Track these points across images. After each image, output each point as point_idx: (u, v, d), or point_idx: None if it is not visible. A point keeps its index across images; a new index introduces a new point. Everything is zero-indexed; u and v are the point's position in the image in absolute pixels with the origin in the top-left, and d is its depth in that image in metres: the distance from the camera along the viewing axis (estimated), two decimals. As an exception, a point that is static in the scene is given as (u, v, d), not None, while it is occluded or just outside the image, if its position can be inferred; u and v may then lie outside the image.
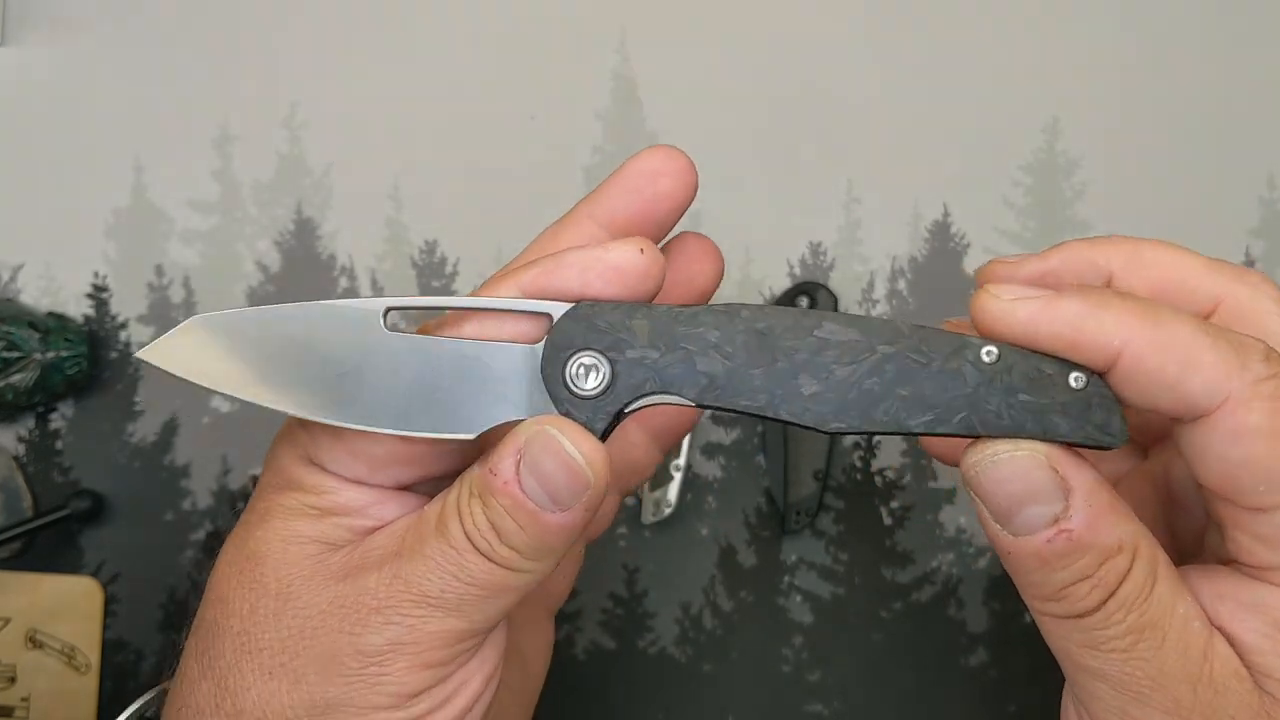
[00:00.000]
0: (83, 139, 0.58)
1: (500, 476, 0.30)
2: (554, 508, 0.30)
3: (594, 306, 0.31)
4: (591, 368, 0.30)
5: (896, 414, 0.29)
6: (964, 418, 0.29)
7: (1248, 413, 0.27)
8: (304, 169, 0.58)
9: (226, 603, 0.32)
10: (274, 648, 0.31)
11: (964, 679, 0.56)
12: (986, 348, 0.29)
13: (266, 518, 0.33)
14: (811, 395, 0.30)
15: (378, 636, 0.30)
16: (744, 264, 0.57)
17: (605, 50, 0.58)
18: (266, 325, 0.31)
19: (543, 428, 0.30)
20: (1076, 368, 0.29)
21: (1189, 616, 0.29)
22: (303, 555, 0.32)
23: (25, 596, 0.56)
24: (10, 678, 0.56)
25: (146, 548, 0.56)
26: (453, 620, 0.31)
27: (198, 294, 0.58)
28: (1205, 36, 0.58)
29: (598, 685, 0.56)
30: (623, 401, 0.30)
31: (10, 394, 0.54)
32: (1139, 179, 0.57)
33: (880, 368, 0.29)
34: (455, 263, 0.58)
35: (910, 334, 0.29)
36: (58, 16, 0.59)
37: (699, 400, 0.30)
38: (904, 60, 0.58)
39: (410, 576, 0.30)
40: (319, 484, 0.33)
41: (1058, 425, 0.29)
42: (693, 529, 0.56)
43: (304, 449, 0.33)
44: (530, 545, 0.30)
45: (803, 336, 0.30)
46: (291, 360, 0.31)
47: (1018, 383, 0.29)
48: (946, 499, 0.56)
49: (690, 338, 0.30)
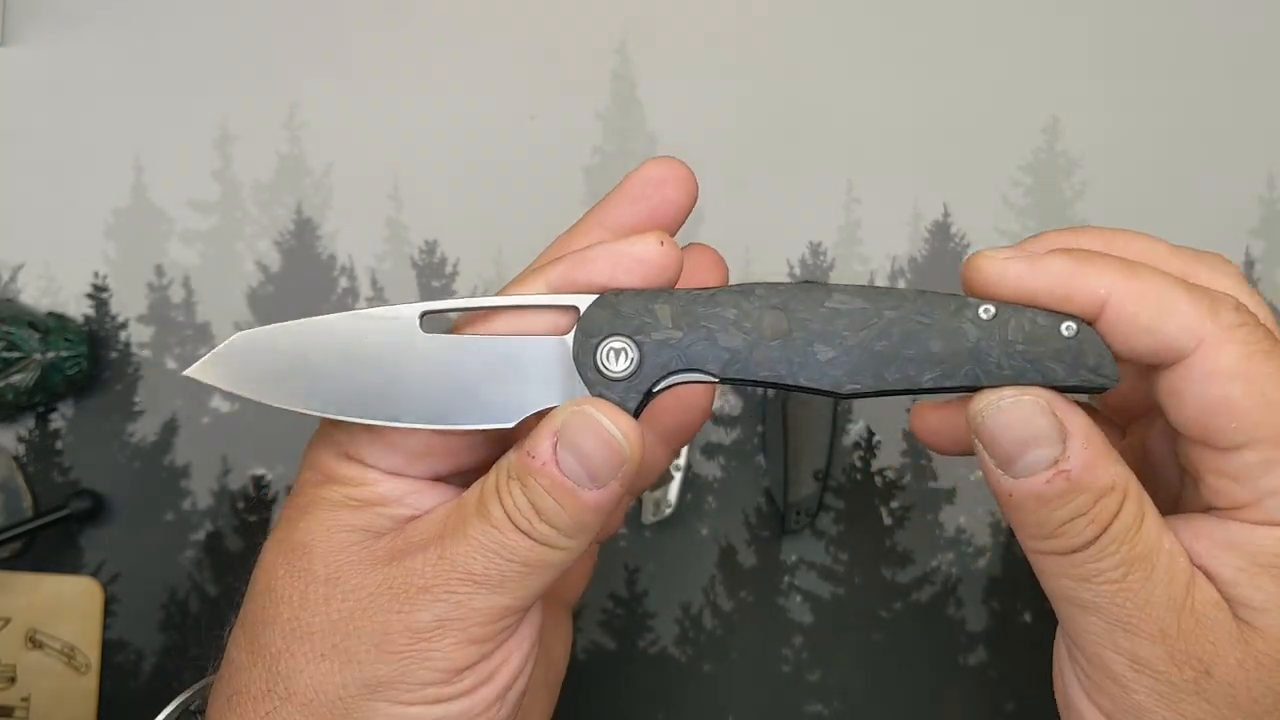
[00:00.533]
0: (83, 139, 0.58)
1: (539, 458, 0.32)
2: (591, 484, 0.32)
3: (619, 295, 0.33)
4: (620, 351, 0.33)
5: (906, 372, 0.32)
6: (969, 370, 0.31)
7: (1220, 355, 0.30)
8: (304, 169, 0.58)
9: (274, 591, 0.34)
10: (325, 630, 0.33)
11: (964, 678, 0.56)
12: (984, 306, 0.31)
13: (309, 510, 0.34)
14: (827, 362, 0.32)
15: (426, 614, 0.32)
16: (744, 264, 0.57)
17: (605, 50, 0.58)
18: (307, 337, 0.33)
19: (581, 408, 0.32)
20: (1068, 318, 0.31)
21: (1174, 552, 0.31)
22: (348, 542, 0.33)
23: (25, 596, 0.56)
24: (10, 678, 0.56)
25: (146, 548, 0.57)
26: (496, 596, 0.32)
27: (198, 294, 0.58)
28: (1205, 36, 0.58)
29: (598, 685, 0.56)
30: (651, 380, 0.33)
31: (10, 394, 0.54)
32: (1139, 179, 0.57)
33: (888, 331, 0.32)
34: (455, 263, 0.58)
35: (914, 298, 0.32)
36: (58, 16, 0.59)
37: (723, 374, 0.32)
38: (904, 60, 0.58)
39: (455, 556, 0.32)
40: (359, 476, 0.34)
41: (1055, 371, 0.31)
42: (693, 529, 0.56)
43: (342, 446, 0.35)
44: (568, 522, 0.32)
45: (815, 308, 0.32)
46: (334, 368, 0.33)
47: (1014, 335, 0.31)
48: (946, 499, 0.56)
49: (710, 317, 0.32)
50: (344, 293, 0.57)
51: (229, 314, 0.57)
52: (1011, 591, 0.56)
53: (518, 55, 0.58)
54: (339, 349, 0.33)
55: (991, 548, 0.56)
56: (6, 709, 0.56)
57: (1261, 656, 0.31)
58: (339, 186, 0.58)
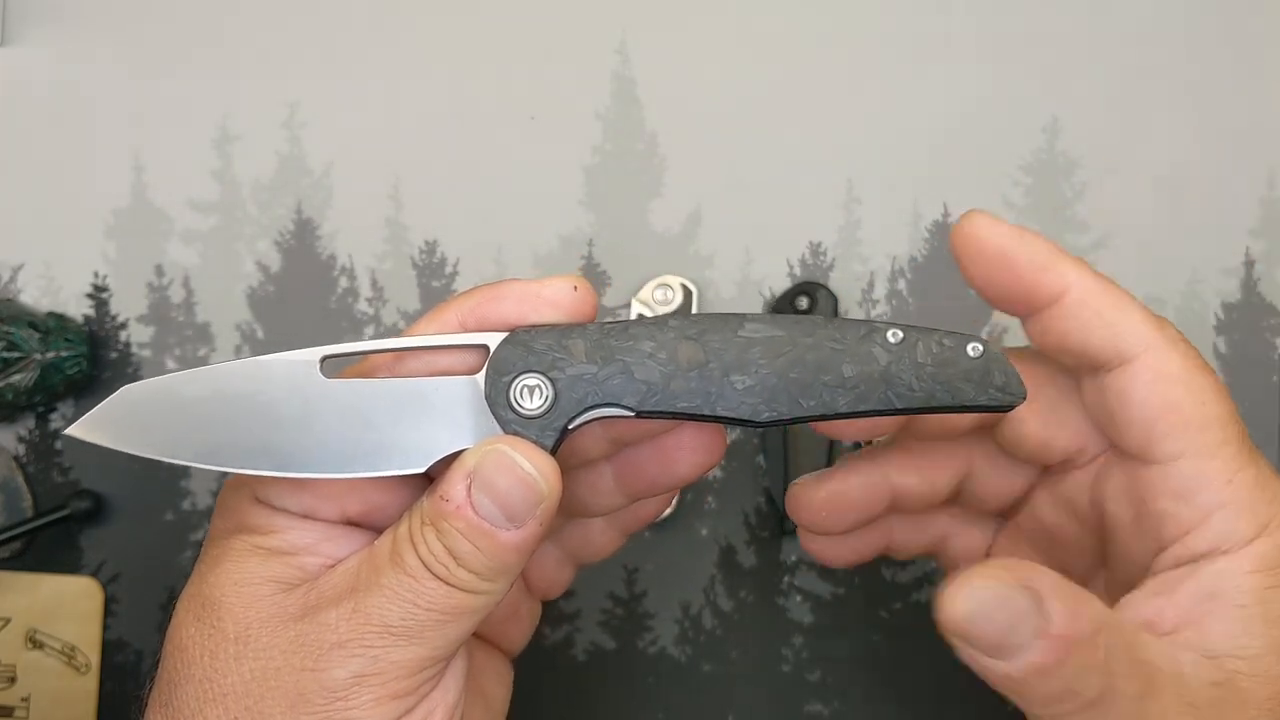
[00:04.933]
0: (83, 139, 0.58)
1: (453, 501, 0.31)
2: (509, 525, 0.31)
3: (529, 332, 0.32)
4: (535, 388, 0.32)
5: (822, 398, 0.32)
6: (882, 394, 0.32)
7: (1169, 359, 0.32)
8: (304, 169, 0.58)
9: (185, 651, 0.32)
10: (238, 692, 0.31)
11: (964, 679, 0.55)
12: (891, 329, 0.32)
13: (218, 562, 0.33)
14: (743, 391, 0.32)
15: (342, 670, 0.31)
16: (744, 264, 0.57)
17: (605, 50, 0.58)
18: (201, 387, 0.32)
19: (495, 446, 0.31)
20: (971, 339, 0.32)
21: (1169, 654, 0.31)
22: (257, 597, 0.32)
23: (25, 596, 0.56)
24: (10, 678, 0.56)
25: (146, 548, 0.57)
26: (415, 648, 0.31)
27: (198, 294, 0.58)
28: (1205, 37, 0.58)
29: (598, 685, 0.56)
30: (568, 416, 0.32)
31: (10, 394, 0.54)
32: (1139, 179, 0.57)
33: (801, 358, 0.32)
34: (455, 263, 0.58)
35: (824, 324, 0.32)
36: (58, 16, 0.59)
37: (640, 408, 0.32)
38: (904, 60, 0.58)
39: (370, 608, 0.31)
40: (268, 523, 0.33)
41: (964, 390, 0.32)
42: (693, 529, 0.56)
43: (250, 489, 0.34)
44: (487, 565, 0.31)
45: (729, 337, 0.32)
46: (230, 419, 0.32)
47: (923, 358, 0.32)
48: (946, 499, 0.56)
49: (625, 350, 0.32)
50: (344, 293, 0.57)
51: (229, 314, 0.57)
52: (1011, 591, 0.56)
53: (518, 55, 0.58)
54: (236, 398, 0.32)
55: (991, 548, 0.56)
56: (6, 709, 0.56)
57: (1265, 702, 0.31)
58: (339, 186, 0.58)
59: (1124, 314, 0.32)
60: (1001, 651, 0.30)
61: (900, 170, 0.57)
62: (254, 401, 0.32)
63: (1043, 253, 0.33)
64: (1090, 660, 0.30)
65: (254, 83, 0.58)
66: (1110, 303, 0.32)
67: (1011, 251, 0.33)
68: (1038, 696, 0.30)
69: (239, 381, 0.32)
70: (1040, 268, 0.32)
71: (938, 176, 0.57)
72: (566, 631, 0.56)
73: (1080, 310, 0.32)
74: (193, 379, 0.32)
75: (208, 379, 0.32)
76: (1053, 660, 0.29)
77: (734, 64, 0.58)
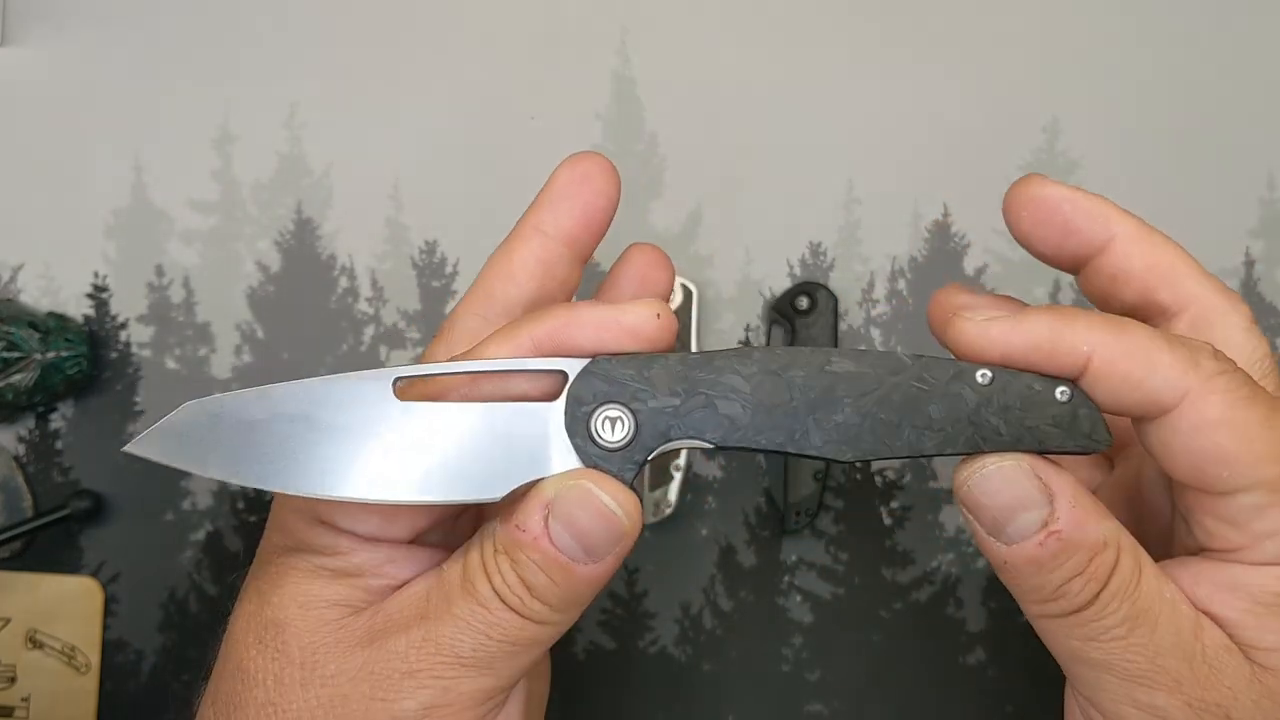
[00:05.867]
0: (83, 139, 0.58)
1: (530, 532, 0.30)
2: (586, 559, 0.31)
3: (610, 361, 0.32)
4: (616, 420, 0.31)
5: (908, 439, 0.31)
6: (969, 437, 0.31)
7: (1206, 406, 0.30)
8: (304, 169, 0.58)
9: (246, 673, 0.32)
10: (303, 716, 0.31)
11: (964, 678, 0.56)
12: (980, 371, 0.31)
13: (280, 582, 0.33)
14: (828, 429, 0.31)
15: (412, 701, 0.31)
16: (744, 264, 0.57)
17: (605, 50, 0.58)
18: (267, 405, 0.31)
19: (578, 482, 0.31)
20: (1061, 382, 0.31)
21: (1176, 600, 0.31)
22: (323, 621, 0.32)
23: (25, 596, 0.56)
24: (10, 678, 0.56)
25: (146, 548, 0.57)
26: (485, 679, 0.31)
27: (198, 294, 0.58)
28: (1205, 37, 0.58)
29: (598, 685, 0.56)
30: (649, 450, 0.31)
31: (10, 394, 0.54)
32: (1139, 179, 0.57)
33: (888, 398, 0.31)
34: (455, 263, 0.58)
35: (912, 363, 0.31)
36: (58, 16, 0.59)
37: (722, 443, 0.31)
38: (904, 60, 0.58)
39: (440, 638, 0.31)
40: (332, 544, 0.33)
41: (1051, 435, 0.31)
42: (693, 529, 0.56)
43: (312, 509, 0.33)
44: (561, 598, 0.31)
45: (814, 373, 0.31)
46: (296, 439, 0.31)
47: (1012, 400, 0.31)
48: (946, 499, 0.56)
49: (708, 383, 0.31)
50: (344, 293, 0.57)
51: (229, 314, 0.57)
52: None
53: (518, 55, 0.58)
54: (302, 419, 0.31)
55: (991, 548, 0.56)
56: (6, 709, 0.56)
57: (1277, 695, 0.31)
58: (339, 186, 0.58)
59: (1151, 369, 0.30)
60: (1001, 532, 0.31)
61: (900, 170, 0.57)
62: (322, 422, 0.31)
63: (1045, 334, 0.31)
64: (1088, 570, 0.30)
65: (254, 83, 0.58)
66: (1136, 362, 0.30)
67: (1013, 347, 0.31)
68: (1028, 587, 0.31)
69: (305, 402, 0.31)
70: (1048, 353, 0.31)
71: (938, 176, 0.57)
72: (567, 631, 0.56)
73: (1104, 379, 0.31)
74: (259, 396, 0.31)
75: (275, 397, 0.31)
76: (1048, 556, 0.30)
77: (734, 64, 0.58)
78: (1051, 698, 0.36)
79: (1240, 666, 0.31)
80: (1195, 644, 0.31)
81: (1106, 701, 0.31)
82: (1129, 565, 0.31)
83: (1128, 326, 0.31)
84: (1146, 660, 0.31)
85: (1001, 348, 0.31)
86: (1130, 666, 0.31)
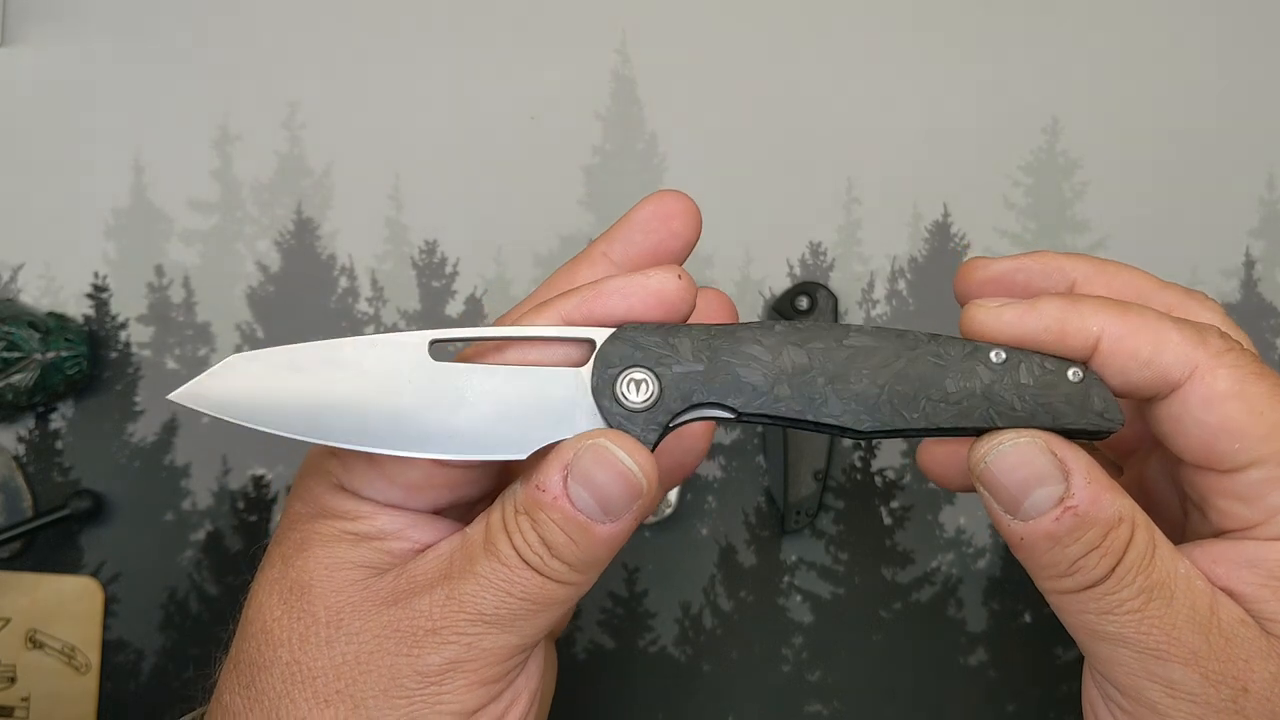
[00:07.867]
0: (83, 139, 0.58)
1: (550, 492, 0.31)
2: (605, 518, 0.31)
3: (637, 328, 0.33)
4: (641, 382, 0.32)
5: (925, 411, 0.32)
6: (983, 412, 0.32)
7: (1215, 379, 0.31)
8: (304, 169, 0.58)
9: (270, 634, 0.33)
10: (329, 674, 0.32)
11: (964, 679, 0.56)
12: (994, 350, 0.32)
13: (305, 546, 0.33)
14: (847, 399, 0.32)
15: (436, 656, 0.31)
16: (744, 264, 0.57)
17: (605, 50, 0.58)
18: (307, 359, 0.32)
19: (595, 441, 0.32)
20: (1073, 363, 0.32)
21: (1191, 575, 0.31)
22: (348, 581, 0.33)
23: (25, 596, 0.56)
24: (10, 678, 0.56)
25: (146, 548, 0.57)
26: (507, 636, 0.32)
27: (198, 294, 0.58)
28: (1205, 37, 0.58)
29: (598, 685, 0.56)
30: (673, 412, 0.32)
31: (10, 394, 0.54)
32: (1139, 179, 0.57)
33: (905, 372, 0.32)
34: (455, 263, 0.58)
35: (927, 340, 0.32)
36: (58, 16, 0.59)
37: (744, 410, 0.32)
38: (904, 60, 0.58)
39: (464, 596, 0.32)
40: (355, 509, 0.34)
41: (1065, 413, 0.32)
42: (693, 529, 0.56)
43: (336, 477, 0.34)
44: (580, 557, 0.32)
45: (834, 345, 0.32)
46: (338, 394, 0.32)
47: (1025, 379, 0.32)
48: (946, 499, 0.56)
49: (731, 351, 0.32)
50: (344, 293, 0.57)
51: (229, 314, 0.57)
52: (1011, 592, 0.56)
53: (518, 55, 0.58)
54: (344, 374, 0.32)
55: (991, 548, 0.56)
56: (6, 709, 0.56)
57: None
58: (339, 186, 0.58)
59: (1160, 347, 0.31)
60: (1018, 508, 0.31)
61: (900, 170, 0.57)
62: (359, 378, 0.32)
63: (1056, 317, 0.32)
64: (1103, 544, 0.31)
65: (254, 83, 0.58)
66: (1145, 340, 0.31)
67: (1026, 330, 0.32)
68: (1044, 563, 0.31)
69: (345, 358, 0.32)
70: (1059, 335, 0.32)
71: (938, 176, 0.57)
72: (567, 630, 0.56)
73: (1114, 358, 0.32)
74: (301, 350, 0.32)
75: (312, 353, 0.32)
76: (1064, 531, 0.31)
77: (734, 64, 0.58)
78: (1052, 698, 0.36)
79: (1257, 639, 0.31)
80: (1211, 617, 0.31)
81: (1123, 676, 0.32)
82: (1144, 540, 0.31)
83: (1134, 307, 0.32)
84: (1162, 633, 0.31)
85: (1014, 331, 0.32)
86: (1146, 640, 0.31)
